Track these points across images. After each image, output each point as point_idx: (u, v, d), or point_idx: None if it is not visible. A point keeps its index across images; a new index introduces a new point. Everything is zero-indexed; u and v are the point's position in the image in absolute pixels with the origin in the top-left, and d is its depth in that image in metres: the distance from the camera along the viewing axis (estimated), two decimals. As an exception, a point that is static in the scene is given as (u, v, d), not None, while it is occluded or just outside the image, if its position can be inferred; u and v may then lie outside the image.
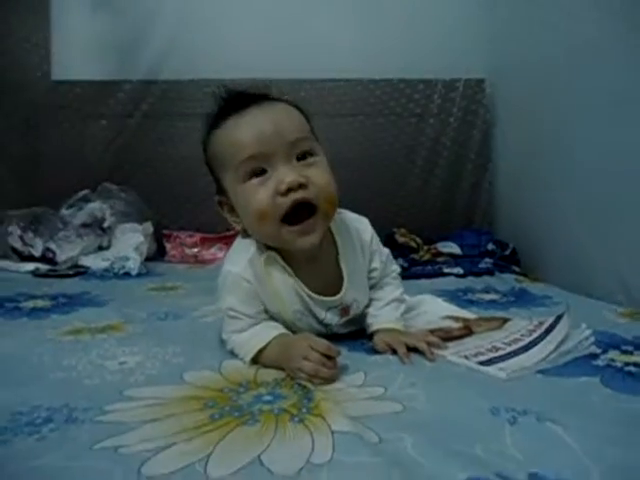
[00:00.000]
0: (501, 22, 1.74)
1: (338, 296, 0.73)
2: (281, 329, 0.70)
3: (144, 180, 1.83)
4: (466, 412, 0.52)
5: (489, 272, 1.46)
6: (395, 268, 0.82)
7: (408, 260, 1.58)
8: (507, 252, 1.64)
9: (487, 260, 1.55)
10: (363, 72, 1.87)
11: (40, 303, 1.08)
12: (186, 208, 1.84)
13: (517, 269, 1.52)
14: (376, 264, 0.77)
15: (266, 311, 0.71)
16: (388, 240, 1.60)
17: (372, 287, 0.78)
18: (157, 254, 1.74)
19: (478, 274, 1.44)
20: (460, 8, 1.84)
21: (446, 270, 1.46)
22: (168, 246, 1.77)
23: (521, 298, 1.14)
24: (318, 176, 0.66)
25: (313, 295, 0.71)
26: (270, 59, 1.78)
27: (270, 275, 0.70)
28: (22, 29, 1.77)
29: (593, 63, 1.22)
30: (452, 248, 1.71)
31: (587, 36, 1.24)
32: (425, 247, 1.73)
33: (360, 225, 0.76)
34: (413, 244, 1.73)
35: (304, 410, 0.53)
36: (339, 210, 0.75)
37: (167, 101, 1.84)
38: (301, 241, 0.66)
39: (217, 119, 0.69)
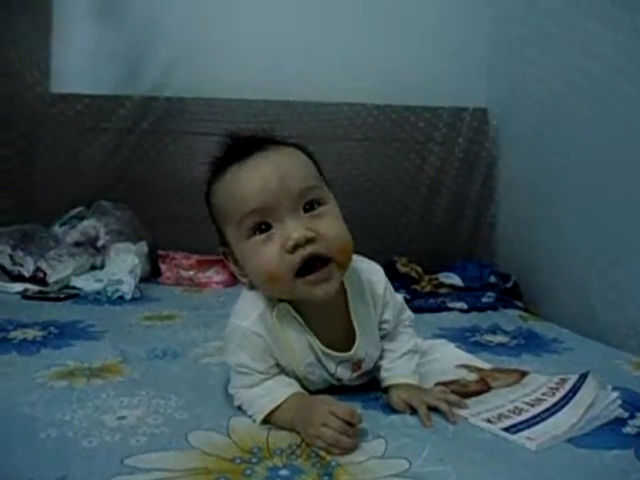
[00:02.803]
0: (506, 52, 1.74)
1: (351, 352, 0.68)
2: (296, 386, 0.66)
3: (141, 198, 1.79)
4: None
5: (492, 307, 1.43)
6: (408, 315, 0.78)
7: (410, 292, 1.55)
8: (509, 285, 1.62)
9: (490, 294, 1.53)
10: (367, 97, 1.85)
11: (30, 333, 1.02)
12: (183, 228, 1.79)
13: (519, 304, 1.50)
14: (388, 316, 0.72)
15: (277, 365, 0.67)
16: (389, 269, 1.57)
17: (384, 337, 0.74)
18: (151, 275, 1.68)
19: (481, 309, 1.41)
20: (466, 38, 1.83)
21: (450, 304, 1.43)
22: (163, 267, 1.72)
23: (530, 341, 1.11)
24: (328, 227, 0.61)
25: (326, 350, 0.67)
26: (275, 80, 1.76)
27: (283, 329, 0.66)
28: (22, 41, 1.72)
29: (599, 98, 1.21)
30: (453, 279, 1.69)
31: (592, 70, 1.23)
32: (426, 277, 1.70)
33: (373, 277, 0.71)
34: (414, 274, 1.70)
35: (326, 491, 0.48)
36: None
37: (168, 119, 1.80)
38: (318, 290, 0.61)
39: (219, 167, 0.65)
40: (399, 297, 0.76)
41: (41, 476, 0.49)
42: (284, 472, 0.52)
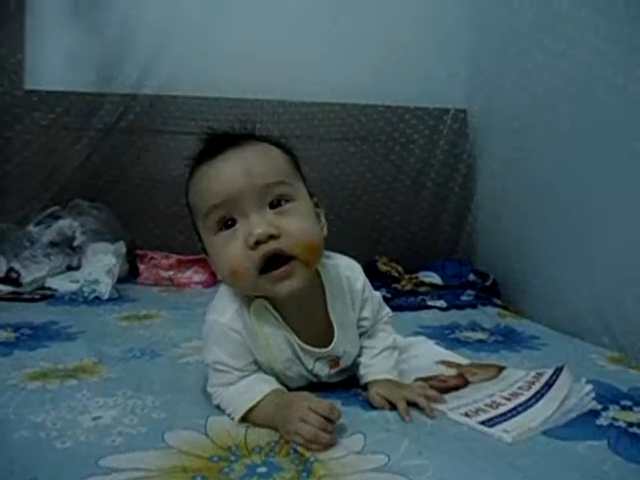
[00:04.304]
0: (486, 54, 1.76)
1: (329, 348, 0.68)
2: (274, 383, 0.65)
3: (119, 197, 1.76)
4: (481, 493, 0.48)
5: (471, 305, 1.45)
6: (387, 312, 0.78)
7: (391, 291, 1.55)
8: (488, 283, 1.64)
9: (469, 292, 1.55)
10: (348, 97, 1.85)
11: (2, 335, 0.99)
12: (162, 228, 1.77)
13: (498, 302, 1.52)
14: (367, 313, 0.73)
15: (255, 362, 0.67)
16: (370, 268, 1.58)
17: (363, 334, 0.75)
18: (129, 275, 1.66)
19: (461, 307, 1.43)
20: (446, 40, 1.85)
21: (429, 303, 1.44)
22: (141, 267, 1.69)
23: (509, 338, 1.12)
24: (293, 225, 0.60)
25: (303, 345, 0.67)
26: (255, 79, 1.75)
27: (260, 324, 0.65)
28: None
29: (578, 100, 1.23)
30: (433, 278, 1.70)
31: (572, 73, 1.25)
32: (407, 276, 1.71)
33: (352, 273, 0.71)
34: (395, 273, 1.71)
35: (304, 487, 0.48)
36: (330, 254, 0.72)
37: (147, 117, 1.77)
38: (281, 287, 0.61)
39: (194, 165, 0.65)
40: (377, 294, 0.77)
41: (11, 479, 0.47)
42: (262, 469, 0.51)
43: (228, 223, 0.61)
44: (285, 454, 0.55)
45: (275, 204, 0.61)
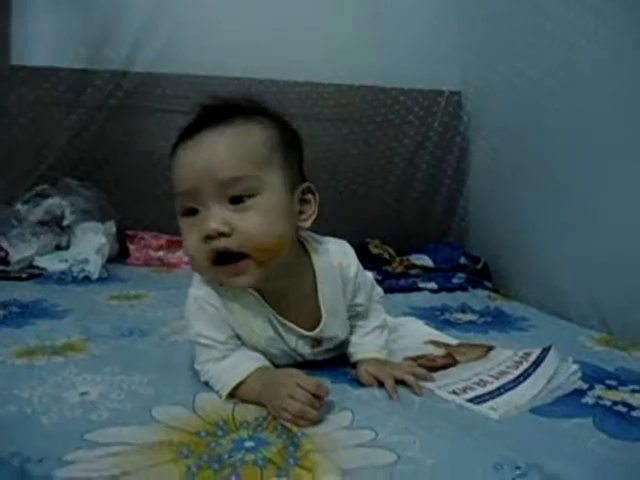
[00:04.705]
0: (480, 37, 1.74)
1: (314, 332, 0.68)
2: (262, 360, 0.65)
3: (108, 177, 1.73)
4: (467, 468, 0.48)
5: (462, 288, 1.45)
6: (378, 292, 0.78)
7: (381, 273, 1.55)
8: (479, 266, 1.64)
9: (460, 275, 1.55)
10: (342, 78, 1.83)
11: (-11, 312, 0.98)
12: (152, 208, 1.75)
13: (489, 285, 1.53)
14: (360, 299, 0.72)
15: (238, 337, 0.66)
16: (361, 250, 1.57)
17: (356, 316, 0.74)
18: (119, 256, 1.64)
19: (451, 289, 1.43)
20: (441, 21, 1.82)
21: (420, 285, 1.44)
22: (131, 247, 1.68)
23: (498, 319, 1.13)
24: (249, 223, 0.58)
25: (285, 322, 0.67)
26: (248, 58, 1.71)
27: (238, 302, 0.65)
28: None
29: (574, 85, 1.23)
30: (425, 261, 1.71)
31: (568, 57, 1.24)
32: (398, 259, 1.71)
33: (344, 259, 0.70)
34: (386, 255, 1.71)
35: (291, 461, 0.48)
36: (322, 239, 0.71)
37: (138, 95, 1.74)
38: (232, 281, 0.61)
39: (176, 140, 0.63)
40: (369, 275, 0.76)
41: (-5, 452, 0.47)
42: (249, 443, 0.51)
43: (191, 210, 0.61)
44: (272, 429, 0.55)
45: (237, 198, 0.59)
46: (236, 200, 0.59)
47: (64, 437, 0.51)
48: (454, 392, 0.66)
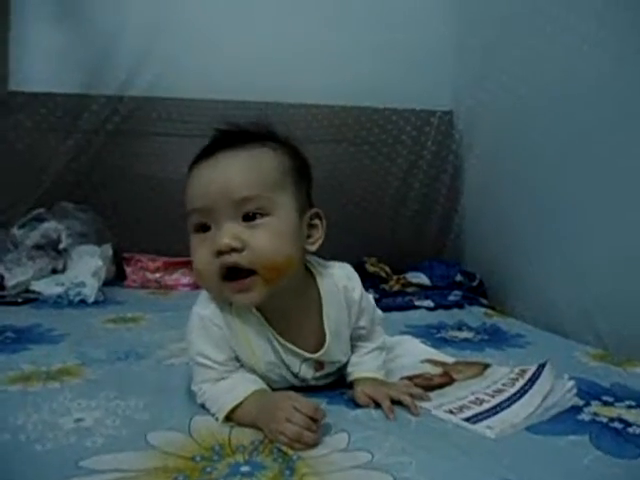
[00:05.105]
0: (472, 57, 1.77)
1: (318, 354, 0.68)
2: (260, 383, 0.65)
3: (105, 200, 1.74)
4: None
5: (458, 305, 1.46)
6: (378, 314, 0.78)
7: (379, 291, 1.56)
8: (475, 283, 1.65)
9: (456, 292, 1.55)
10: (335, 99, 1.86)
11: (-16, 339, 0.98)
12: (149, 230, 1.76)
13: (485, 302, 1.53)
14: (364, 322, 0.73)
15: (238, 359, 0.67)
16: (358, 269, 1.56)
17: (359, 338, 0.74)
18: (116, 279, 1.64)
19: (448, 307, 1.43)
20: (433, 42, 1.86)
21: (417, 303, 1.45)
22: (128, 270, 1.68)
23: (494, 336, 1.13)
24: (259, 240, 0.60)
25: (285, 343, 0.67)
26: (243, 82, 1.74)
27: (242, 323, 0.65)
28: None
29: (564, 104, 1.25)
30: (421, 279, 1.71)
31: (559, 76, 1.26)
32: (394, 277, 1.72)
33: (349, 283, 0.71)
34: (383, 274, 1.72)
35: (287, 485, 0.48)
36: (327, 263, 0.72)
37: (135, 119, 1.76)
38: (238, 298, 0.62)
39: (192, 161, 0.66)
40: (370, 298, 0.76)
41: (-11, 481, 0.47)
42: (245, 468, 0.51)
43: (204, 227, 0.62)
44: (268, 453, 0.54)
45: (249, 217, 0.61)
46: (249, 218, 0.61)
47: (58, 465, 0.51)
48: (451, 411, 0.66)
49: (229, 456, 0.54)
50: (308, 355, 0.68)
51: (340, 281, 0.70)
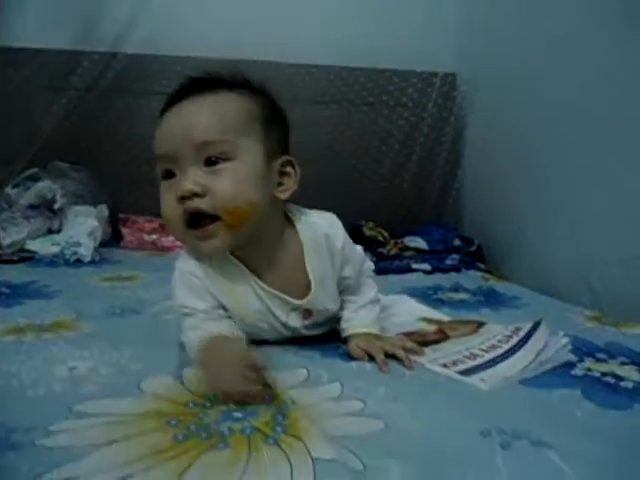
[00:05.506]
0: (475, 18, 1.72)
1: (304, 300, 0.68)
2: (231, 330, 0.64)
3: (100, 159, 1.71)
4: (454, 434, 0.49)
5: (455, 269, 1.46)
6: (368, 266, 0.77)
7: (376, 255, 1.55)
8: (472, 248, 1.65)
9: (453, 256, 1.55)
10: (336, 59, 1.81)
11: (-21, 293, 0.98)
12: (145, 190, 1.72)
13: (482, 266, 1.53)
14: (349, 272, 0.72)
15: (224, 308, 0.67)
16: (355, 233, 1.57)
17: (346, 290, 0.74)
18: (112, 240, 1.63)
19: (445, 270, 1.43)
20: (436, 2, 1.80)
21: (414, 266, 1.44)
22: (124, 231, 1.67)
23: (490, 298, 1.13)
24: (221, 185, 0.59)
25: (269, 289, 0.66)
26: (241, 39, 1.69)
27: (224, 274, 0.65)
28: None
29: (568, 66, 1.22)
30: (419, 243, 1.70)
31: (563, 38, 1.23)
32: (392, 241, 1.71)
33: (330, 231, 0.69)
34: (380, 238, 1.71)
35: (279, 429, 0.48)
36: (308, 211, 0.71)
37: (129, 77, 1.71)
38: (201, 245, 0.62)
39: (162, 108, 0.64)
40: (359, 249, 0.76)
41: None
42: (238, 414, 0.51)
43: (170, 173, 0.62)
44: (261, 400, 0.54)
45: (212, 161, 0.60)
46: (211, 162, 0.60)
47: (51, 409, 0.51)
48: (444, 365, 0.66)
49: (222, 404, 0.54)
50: (296, 302, 0.68)
51: (321, 229, 0.69)
